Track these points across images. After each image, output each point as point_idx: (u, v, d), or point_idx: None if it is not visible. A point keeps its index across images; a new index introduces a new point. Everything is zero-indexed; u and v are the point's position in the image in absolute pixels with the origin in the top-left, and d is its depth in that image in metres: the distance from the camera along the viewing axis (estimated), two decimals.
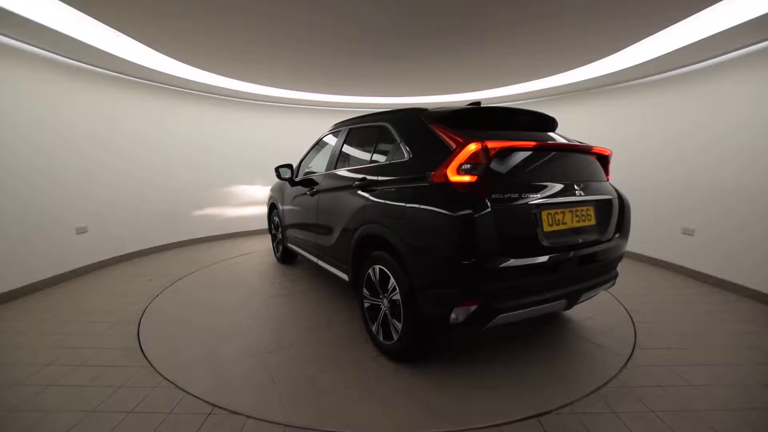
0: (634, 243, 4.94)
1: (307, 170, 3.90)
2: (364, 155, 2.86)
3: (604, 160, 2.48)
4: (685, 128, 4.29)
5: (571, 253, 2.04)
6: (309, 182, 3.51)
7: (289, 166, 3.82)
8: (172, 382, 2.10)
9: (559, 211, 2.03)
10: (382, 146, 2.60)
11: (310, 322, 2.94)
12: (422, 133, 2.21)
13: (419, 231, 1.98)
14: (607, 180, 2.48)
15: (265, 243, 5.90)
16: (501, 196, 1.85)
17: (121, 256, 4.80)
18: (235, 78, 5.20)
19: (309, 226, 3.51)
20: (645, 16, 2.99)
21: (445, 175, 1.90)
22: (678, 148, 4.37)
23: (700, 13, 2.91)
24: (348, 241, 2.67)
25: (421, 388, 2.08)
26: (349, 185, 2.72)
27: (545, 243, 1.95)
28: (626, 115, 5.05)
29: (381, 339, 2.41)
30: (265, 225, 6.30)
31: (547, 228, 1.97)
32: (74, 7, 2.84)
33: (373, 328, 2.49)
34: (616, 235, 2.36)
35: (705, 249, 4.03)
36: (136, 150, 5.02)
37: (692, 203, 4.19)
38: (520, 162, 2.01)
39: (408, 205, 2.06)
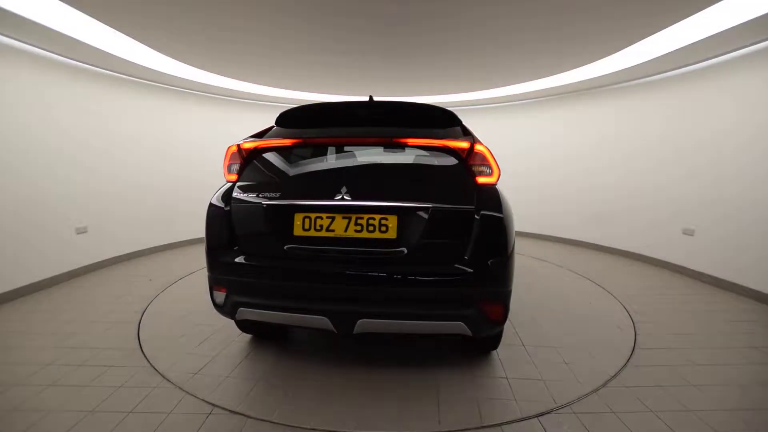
0: (635, 243, 4.95)
1: None
2: None
3: (458, 155, 1.85)
4: (685, 128, 4.29)
5: (327, 266, 1.80)
6: None
7: None
8: (172, 382, 2.10)
9: (321, 215, 1.83)
10: None
11: None
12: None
13: None
14: (478, 183, 1.83)
15: None
16: (240, 195, 1.97)
17: (121, 256, 4.80)
18: (234, 78, 5.20)
19: None
20: (646, 16, 2.99)
21: (224, 174, 2.10)
22: (678, 148, 4.37)
23: (699, 13, 2.91)
24: None
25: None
26: None
27: (286, 247, 1.86)
28: (626, 115, 5.04)
29: None
30: None
31: (298, 232, 1.85)
32: (74, 7, 2.84)
33: None
34: (461, 260, 1.76)
35: (705, 249, 4.03)
36: (136, 150, 5.01)
37: (692, 203, 4.18)
38: (277, 161, 2.04)
39: None
